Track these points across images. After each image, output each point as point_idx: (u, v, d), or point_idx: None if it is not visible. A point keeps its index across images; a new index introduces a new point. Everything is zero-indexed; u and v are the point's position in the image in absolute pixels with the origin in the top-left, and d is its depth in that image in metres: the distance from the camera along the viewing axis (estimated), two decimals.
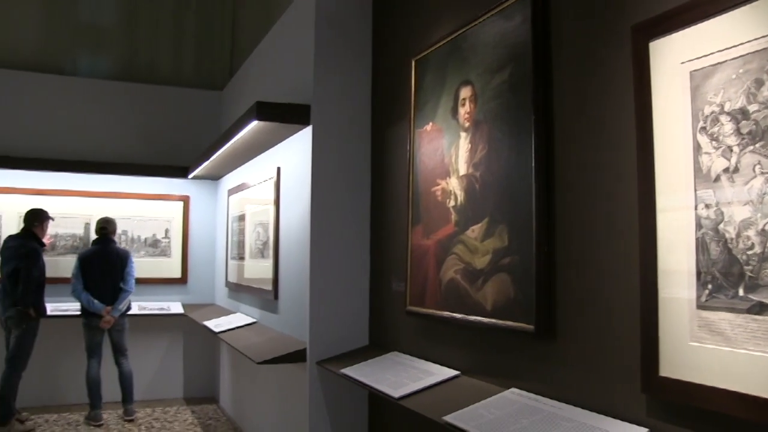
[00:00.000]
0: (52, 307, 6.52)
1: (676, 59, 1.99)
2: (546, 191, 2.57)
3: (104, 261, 6.55)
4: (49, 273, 6.49)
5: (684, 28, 1.96)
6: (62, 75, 7.41)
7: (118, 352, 6.63)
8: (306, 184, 4.28)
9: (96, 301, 6.41)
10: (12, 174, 7.04)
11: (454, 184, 3.17)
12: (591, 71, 2.40)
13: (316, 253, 4.13)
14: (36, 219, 6.44)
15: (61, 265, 6.93)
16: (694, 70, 1.94)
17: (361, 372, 3.55)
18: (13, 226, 6.89)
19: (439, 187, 3.30)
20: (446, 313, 3.17)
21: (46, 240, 6.57)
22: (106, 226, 6.70)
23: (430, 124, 3.42)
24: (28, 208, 6.55)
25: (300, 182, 4.53)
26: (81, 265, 6.51)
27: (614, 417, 2.19)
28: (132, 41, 7.77)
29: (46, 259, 6.46)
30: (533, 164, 2.59)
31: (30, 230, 6.38)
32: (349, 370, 3.63)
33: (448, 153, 3.23)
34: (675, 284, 1.96)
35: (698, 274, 1.89)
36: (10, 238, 6.42)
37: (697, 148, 1.91)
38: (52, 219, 6.64)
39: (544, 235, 2.56)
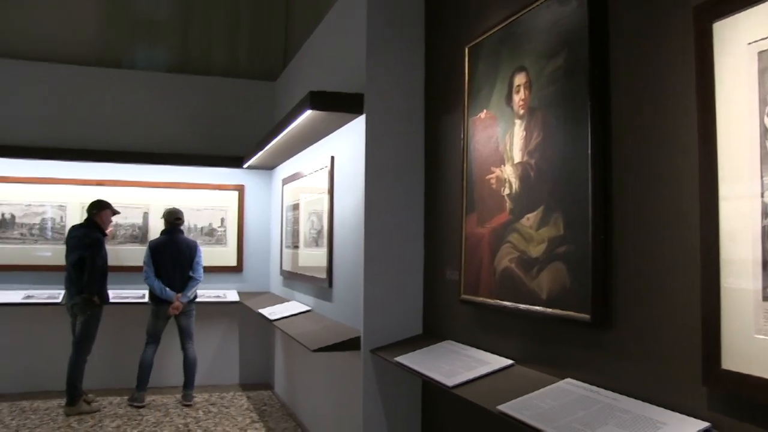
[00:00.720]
0: (113, 295, 6.70)
1: (741, 40, 1.92)
2: (602, 179, 2.51)
3: (174, 250, 6.76)
4: (111, 262, 6.67)
5: (750, 7, 1.89)
6: (120, 69, 7.59)
7: (186, 337, 6.82)
8: (360, 172, 4.28)
9: (168, 289, 6.63)
10: (75, 166, 7.27)
11: (508, 172, 3.13)
12: (649, 54, 2.34)
13: (370, 241, 4.13)
14: (96, 208, 6.64)
15: (121, 254, 7.11)
16: (762, 51, 1.86)
17: (415, 360, 3.55)
18: (77, 216, 7.11)
19: (493, 175, 3.27)
20: (500, 302, 3.14)
21: (107, 230, 6.75)
22: (180, 217, 6.91)
23: (484, 111, 3.38)
24: (91, 199, 6.75)
25: (354, 171, 4.53)
26: (152, 254, 6.72)
27: (673, 410, 2.14)
28: (187, 34, 7.89)
29: (108, 248, 6.64)
30: (589, 151, 2.54)
31: (92, 220, 6.59)
32: (402, 359, 3.63)
33: (503, 140, 3.19)
34: (739, 274, 1.90)
35: (764, 264, 1.83)
36: (75, 228, 6.65)
37: (765, 133, 1.84)
38: (118, 212, 6.83)
39: (600, 224, 2.51)
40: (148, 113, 7.54)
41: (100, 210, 6.66)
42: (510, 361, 3.11)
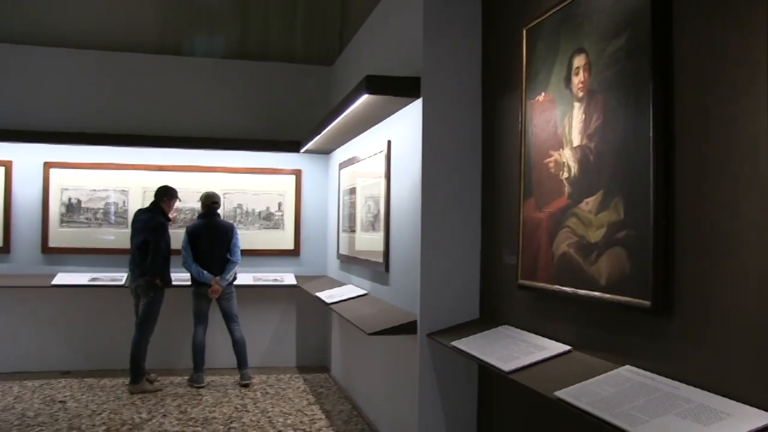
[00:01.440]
0: (176, 278, 6.87)
1: None
2: (665, 162, 2.46)
3: (212, 234, 6.88)
4: (173, 245, 6.84)
5: None
6: (180, 56, 7.76)
7: (229, 319, 6.95)
8: (416, 156, 4.28)
9: (205, 272, 6.77)
10: (136, 152, 7.47)
11: (567, 156, 3.09)
12: (718, 33, 2.27)
13: (427, 225, 4.13)
14: (165, 195, 6.83)
15: (181, 237, 7.24)
16: None
17: (472, 345, 3.55)
18: (139, 200, 7.32)
19: (551, 158, 3.23)
20: (558, 287, 3.11)
21: (171, 215, 6.92)
22: (217, 201, 7.01)
23: (543, 94, 3.34)
24: (152, 184, 6.94)
25: (410, 155, 4.53)
26: (189, 238, 6.87)
27: (737, 400, 2.09)
28: (244, 20, 7.98)
29: (170, 232, 6.82)
30: (651, 134, 2.48)
31: (158, 204, 6.78)
32: (459, 343, 3.63)
33: (561, 124, 3.15)
34: None
35: None
36: (140, 211, 6.85)
37: None
38: (180, 200, 7.01)
39: (662, 208, 2.46)
40: (206, 99, 7.68)
41: (170, 198, 6.86)
42: (567, 347, 3.08)
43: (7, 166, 7.27)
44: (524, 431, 3.65)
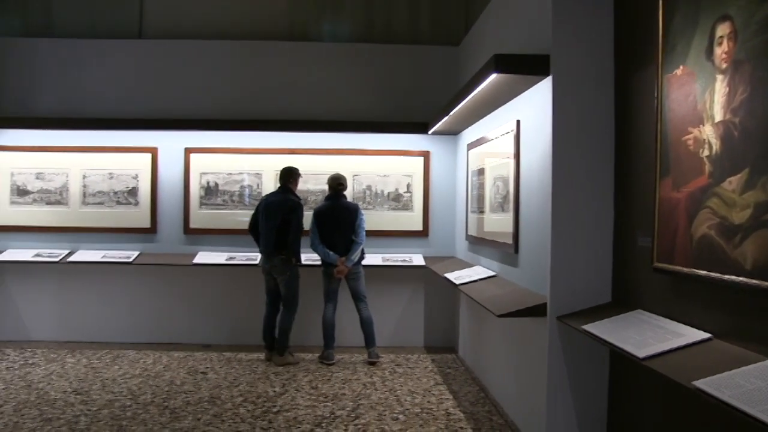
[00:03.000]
0: (304, 258, 7.07)
1: None
2: None
3: (337, 215, 7.01)
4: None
5: None
6: (308, 41, 7.94)
7: (357, 298, 7.08)
8: (546, 136, 4.18)
9: (331, 253, 6.94)
10: (269, 136, 7.76)
11: (708, 132, 2.91)
12: None
13: (558, 206, 4.04)
14: (291, 176, 7.05)
15: (310, 219, 7.41)
16: None
17: (604, 329, 3.44)
18: (271, 183, 7.61)
19: (690, 135, 3.06)
20: (698, 271, 2.95)
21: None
22: (343, 183, 7.13)
23: (681, 67, 3.16)
24: (283, 166, 7.14)
25: (540, 135, 4.43)
26: (316, 219, 7.03)
27: None
28: (370, 4, 8.05)
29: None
30: None
31: (287, 186, 6.99)
32: (590, 327, 3.53)
33: (702, 98, 2.97)
34: None
35: None
36: (271, 195, 7.10)
37: None
38: (300, 175, 7.19)
39: None
40: (335, 83, 7.83)
41: (296, 178, 7.09)
42: (707, 335, 2.92)
43: (153, 152, 7.75)
44: (658, 421, 3.51)
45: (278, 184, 7.08)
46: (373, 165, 7.81)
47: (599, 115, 4.05)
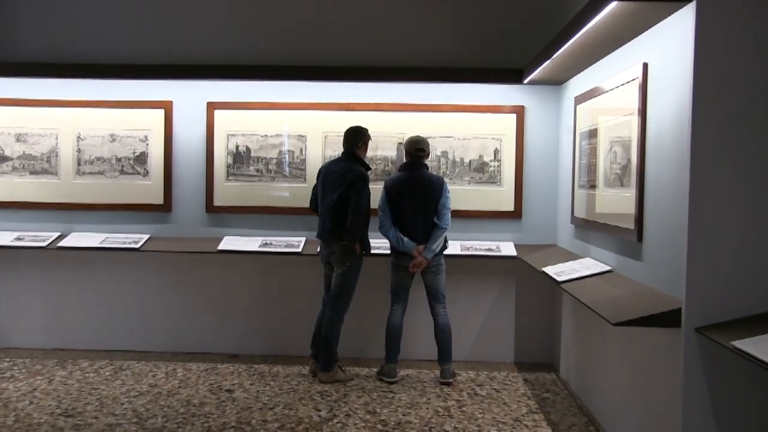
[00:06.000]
0: (374, 244, 7.06)
1: None
2: None
3: (416, 191, 6.90)
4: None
5: None
6: None
7: (434, 298, 7.03)
8: (685, 85, 4.07)
9: (406, 239, 6.85)
10: (316, 87, 7.76)
11: None
12: None
13: (699, 181, 3.93)
14: (359, 139, 7.00)
15: (372, 194, 7.38)
16: None
17: (762, 347, 3.31)
18: (318, 148, 7.61)
19: None
20: None
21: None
22: (423, 148, 7.03)
23: None
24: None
25: (676, 83, 4.32)
26: (388, 195, 6.94)
27: None
28: None
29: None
30: None
31: (352, 152, 6.96)
32: (744, 344, 3.41)
33: None
34: None
35: None
36: (332, 162, 7.07)
37: None
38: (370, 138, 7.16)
39: None
40: (402, 19, 7.75)
41: (365, 140, 7.03)
42: None
43: (167, 107, 7.84)
44: None
45: (330, 149, 7.05)
46: (450, 125, 7.73)
47: (764, 56, 3.90)
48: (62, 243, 7.64)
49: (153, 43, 7.78)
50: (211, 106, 7.79)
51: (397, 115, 7.72)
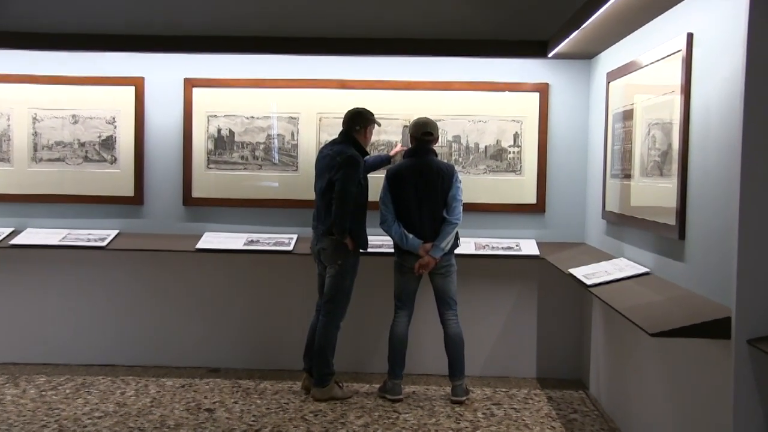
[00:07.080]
0: (374, 242, 7.06)
1: None
2: None
3: (422, 181, 6.87)
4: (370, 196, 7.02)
5: None
6: None
7: (444, 303, 7.01)
8: (737, 59, 4.05)
9: (411, 236, 6.82)
10: (310, 62, 7.75)
11: None
12: None
13: (752, 170, 3.91)
14: (357, 122, 6.96)
15: (373, 183, 7.35)
16: None
17: None
18: (313, 130, 7.61)
19: None
20: None
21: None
22: (432, 131, 6.99)
23: None
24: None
25: (726, 57, 4.31)
26: (390, 185, 6.91)
27: None
28: None
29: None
30: None
31: (350, 135, 6.93)
32: None
33: None
34: None
35: None
36: (327, 146, 7.06)
37: None
38: (378, 124, 7.14)
39: None
40: None
41: (366, 124, 6.99)
42: None
43: (137, 84, 7.83)
44: None
45: (325, 132, 7.05)
46: (464, 105, 7.72)
47: None
48: (15, 240, 7.63)
49: (121, 11, 7.70)
50: (189, 84, 7.78)
51: (402, 93, 7.71)
